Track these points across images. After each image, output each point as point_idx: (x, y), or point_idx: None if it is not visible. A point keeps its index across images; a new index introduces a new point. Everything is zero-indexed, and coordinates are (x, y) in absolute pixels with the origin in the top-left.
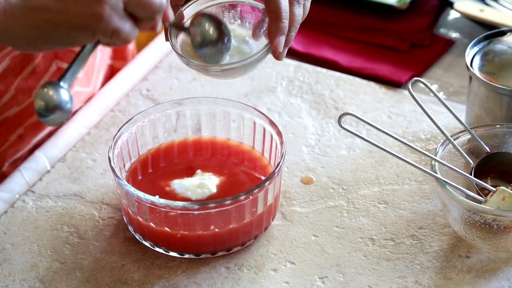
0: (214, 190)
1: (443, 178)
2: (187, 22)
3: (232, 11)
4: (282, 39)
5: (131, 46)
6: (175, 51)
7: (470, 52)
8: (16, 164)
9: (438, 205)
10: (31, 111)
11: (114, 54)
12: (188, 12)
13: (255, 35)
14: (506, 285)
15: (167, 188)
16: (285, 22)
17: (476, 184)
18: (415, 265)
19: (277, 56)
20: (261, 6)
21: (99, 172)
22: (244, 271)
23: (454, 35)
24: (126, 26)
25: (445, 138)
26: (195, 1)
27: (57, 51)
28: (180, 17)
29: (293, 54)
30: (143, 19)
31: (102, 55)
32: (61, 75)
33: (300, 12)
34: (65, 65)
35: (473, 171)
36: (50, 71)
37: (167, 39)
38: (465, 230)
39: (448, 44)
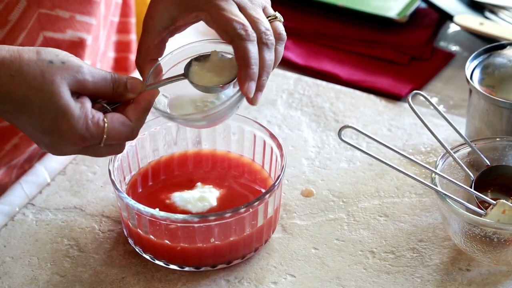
0: (214, 202)
1: (443, 191)
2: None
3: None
4: (252, 85)
5: (134, 20)
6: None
7: (470, 65)
8: (10, 171)
9: (438, 218)
10: None
11: (115, 65)
12: (166, 63)
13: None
14: None
15: (167, 201)
16: (254, 69)
17: (476, 197)
18: (415, 278)
19: (251, 101)
20: (231, 55)
21: (99, 185)
22: (245, 284)
23: (454, 48)
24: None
25: (445, 151)
26: (168, 55)
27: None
28: (159, 70)
29: (293, 67)
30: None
31: (101, 66)
32: None
33: (271, 57)
34: None
35: (473, 184)
36: None
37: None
38: (465, 243)
39: (448, 57)
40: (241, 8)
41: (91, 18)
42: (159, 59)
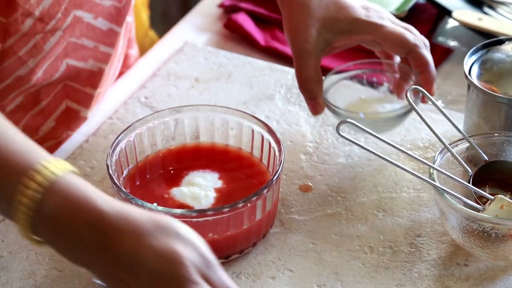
0: (212, 197)
1: (441, 186)
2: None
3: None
4: (435, 85)
5: (135, 52)
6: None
7: (468, 60)
8: None
9: (436, 213)
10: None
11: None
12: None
13: (400, 95)
14: None
15: (165, 195)
16: (434, 71)
17: (474, 193)
18: (413, 273)
19: (426, 100)
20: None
21: (97, 180)
22: (242, 279)
23: (452, 43)
24: None
25: (443, 146)
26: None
27: (68, 91)
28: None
29: (291, 62)
30: None
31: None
32: None
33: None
34: (74, 105)
35: (471, 179)
36: (59, 110)
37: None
38: (463, 238)
39: (447, 52)
40: (391, 21)
41: (112, 48)
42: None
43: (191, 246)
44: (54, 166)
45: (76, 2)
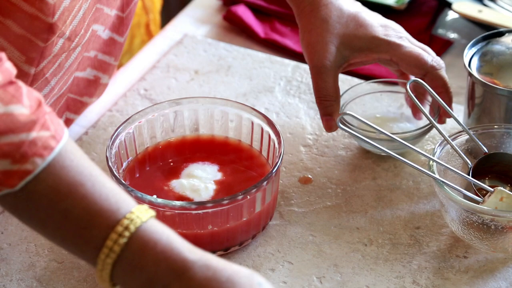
0: (212, 189)
1: (441, 178)
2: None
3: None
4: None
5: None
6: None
7: (468, 52)
8: None
9: (436, 206)
10: None
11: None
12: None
13: (417, 116)
14: (504, 285)
15: (165, 188)
16: (451, 92)
17: (474, 185)
18: (412, 265)
19: (444, 121)
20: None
21: None
22: None
23: (452, 35)
24: None
25: (443, 138)
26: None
27: (68, 104)
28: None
29: (291, 54)
30: None
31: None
32: None
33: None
34: (72, 116)
35: (471, 171)
36: None
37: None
38: (462, 231)
39: (446, 44)
40: (409, 40)
41: (111, 57)
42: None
43: None
44: (140, 212)
45: (95, 16)
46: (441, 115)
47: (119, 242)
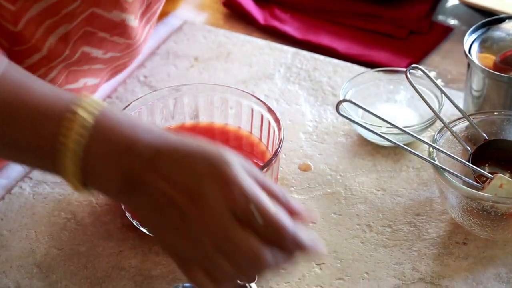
0: None
1: (441, 165)
2: None
3: None
4: None
5: None
6: None
7: (468, 39)
8: None
9: (435, 192)
10: None
11: None
12: None
13: None
14: (503, 272)
15: None
16: None
17: (473, 171)
18: (412, 251)
19: None
20: None
21: None
22: None
23: (452, 22)
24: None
25: (443, 125)
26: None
27: None
28: None
29: (290, 41)
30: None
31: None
32: None
33: None
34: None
35: (470, 158)
36: None
37: None
38: (462, 217)
39: (447, 31)
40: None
41: (102, 66)
42: None
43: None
44: (89, 104)
45: (87, 39)
46: None
47: (82, 134)
